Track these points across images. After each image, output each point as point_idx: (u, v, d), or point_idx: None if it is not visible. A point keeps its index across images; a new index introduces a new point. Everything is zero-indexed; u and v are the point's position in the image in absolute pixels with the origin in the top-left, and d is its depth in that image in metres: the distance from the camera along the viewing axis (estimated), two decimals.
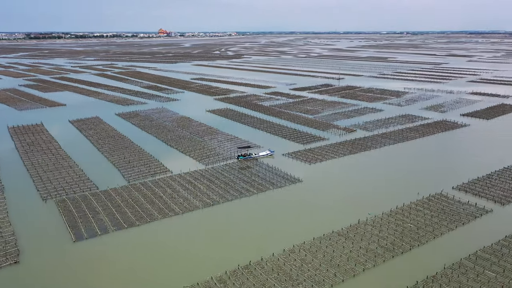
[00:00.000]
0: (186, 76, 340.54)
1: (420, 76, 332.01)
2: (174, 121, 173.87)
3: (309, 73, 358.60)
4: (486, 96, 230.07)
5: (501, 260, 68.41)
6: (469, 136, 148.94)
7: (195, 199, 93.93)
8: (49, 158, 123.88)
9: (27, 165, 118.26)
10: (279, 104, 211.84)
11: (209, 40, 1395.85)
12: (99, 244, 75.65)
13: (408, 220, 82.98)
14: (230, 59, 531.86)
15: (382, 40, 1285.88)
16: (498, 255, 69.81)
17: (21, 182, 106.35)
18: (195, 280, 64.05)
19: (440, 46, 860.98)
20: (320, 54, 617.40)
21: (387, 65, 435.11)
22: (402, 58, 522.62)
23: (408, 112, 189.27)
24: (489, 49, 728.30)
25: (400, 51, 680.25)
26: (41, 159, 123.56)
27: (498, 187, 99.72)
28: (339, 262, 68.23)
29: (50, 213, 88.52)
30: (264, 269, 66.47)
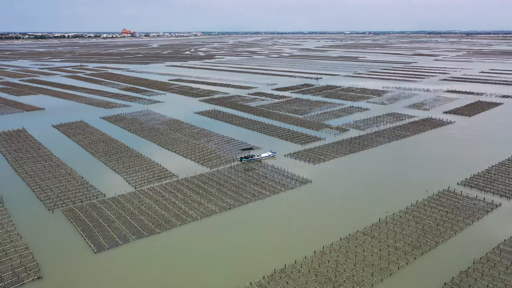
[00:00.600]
0: (163, 78, 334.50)
1: (394, 75, 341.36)
2: (164, 123, 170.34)
3: (286, 73, 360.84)
4: (461, 94, 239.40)
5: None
6: (457, 132, 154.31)
7: (209, 204, 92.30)
8: (43, 166, 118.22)
9: (20, 174, 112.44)
10: (266, 105, 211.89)
11: (176, 40, 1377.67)
12: (122, 254, 72.87)
13: (425, 217, 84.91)
14: (202, 60, 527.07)
15: (348, 40, 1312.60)
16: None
17: (19, 191, 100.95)
18: (234, 287, 62.82)
19: (404, 45, 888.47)
20: (291, 54, 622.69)
21: (360, 64, 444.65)
22: (372, 58, 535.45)
23: (393, 110, 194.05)
24: (450, 48, 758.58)
25: (368, 51, 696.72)
26: (34, 166, 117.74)
27: (499, 181, 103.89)
28: (372, 262, 68.92)
29: (60, 223, 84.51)
30: (301, 272, 66.17)
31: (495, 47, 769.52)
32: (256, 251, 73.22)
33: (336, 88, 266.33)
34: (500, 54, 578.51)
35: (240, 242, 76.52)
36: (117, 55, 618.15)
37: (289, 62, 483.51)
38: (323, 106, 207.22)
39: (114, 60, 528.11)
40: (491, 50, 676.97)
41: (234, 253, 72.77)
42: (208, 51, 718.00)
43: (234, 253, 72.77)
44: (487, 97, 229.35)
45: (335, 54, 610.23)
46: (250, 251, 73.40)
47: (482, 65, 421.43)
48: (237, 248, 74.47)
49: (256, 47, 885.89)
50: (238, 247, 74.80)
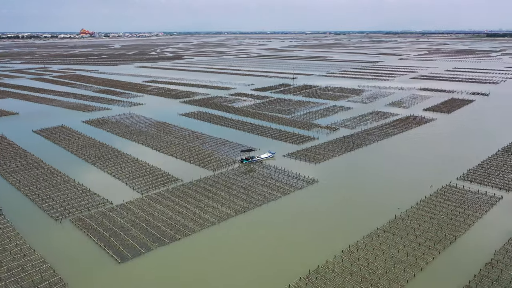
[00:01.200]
0: (136, 79, 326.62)
1: (366, 74, 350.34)
2: (152, 126, 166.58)
3: (260, 73, 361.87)
4: (434, 92, 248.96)
5: None
6: (441, 129, 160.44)
7: (223, 207, 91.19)
8: (36, 174, 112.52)
9: (13, 183, 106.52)
10: (250, 105, 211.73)
11: (138, 40, 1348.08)
12: (148, 263, 70.67)
13: (436, 212, 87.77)
14: (172, 61, 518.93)
15: (311, 40, 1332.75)
16: None
17: (17, 202, 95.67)
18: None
19: (367, 45, 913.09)
20: (260, 54, 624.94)
21: (330, 64, 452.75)
22: (339, 57, 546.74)
23: (375, 109, 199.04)
24: (411, 47, 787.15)
25: (334, 51, 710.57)
26: (27, 175, 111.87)
27: (494, 175, 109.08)
28: (400, 258, 70.53)
29: (72, 233, 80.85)
30: (335, 272, 66.73)
31: (451, 46, 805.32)
32: (284, 253, 73.10)
33: (314, 88, 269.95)
34: (458, 53, 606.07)
35: (265, 244, 76.12)
36: (81, 56, 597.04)
37: (260, 62, 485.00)
38: (307, 105, 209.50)
39: (79, 61, 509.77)
40: (449, 49, 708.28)
41: (262, 255, 72.33)
42: (175, 52, 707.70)
43: (262, 255, 72.33)
44: (459, 94, 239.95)
45: (303, 54, 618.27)
46: (278, 253, 73.19)
47: (445, 63, 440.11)
48: (264, 250, 74.06)
49: (222, 47, 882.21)
50: (265, 249, 74.41)
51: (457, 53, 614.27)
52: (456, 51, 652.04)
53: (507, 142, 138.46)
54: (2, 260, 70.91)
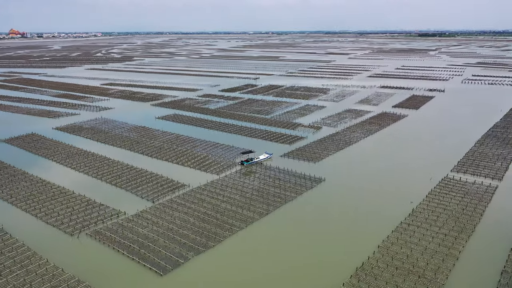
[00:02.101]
0: (93, 82, 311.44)
1: (324, 73, 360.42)
2: (131, 131, 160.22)
3: (221, 74, 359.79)
4: (395, 89, 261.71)
5: None
6: (417, 124, 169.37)
7: (244, 211, 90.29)
8: (27, 187, 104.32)
9: (6, 199, 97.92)
10: (224, 106, 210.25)
11: (76, 41, 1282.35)
12: (192, 272, 68.54)
13: (446, 203, 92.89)
14: (122, 62, 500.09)
15: (256, 40, 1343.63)
16: None
17: (18, 218, 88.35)
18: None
19: (313, 45, 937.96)
20: (212, 55, 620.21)
21: (285, 63, 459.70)
22: (292, 57, 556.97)
23: (348, 107, 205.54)
24: (355, 47, 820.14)
25: (283, 51, 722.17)
26: (17, 189, 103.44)
27: (482, 166, 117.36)
28: (434, 249, 74.01)
29: (96, 248, 76.17)
30: (380, 267, 68.70)
31: (391, 46, 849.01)
32: (323, 252, 73.95)
33: (281, 87, 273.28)
34: (399, 52, 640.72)
35: (302, 245, 76.46)
36: (20, 58, 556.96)
37: (215, 63, 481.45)
38: (282, 105, 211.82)
39: (20, 64, 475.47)
40: (390, 48, 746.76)
41: (303, 256, 72.63)
42: (122, 53, 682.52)
43: (303, 256, 72.63)
44: (418, 91, 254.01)
45: (255, 54, 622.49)
46: (317, 252, 73.88)
47: (393, 62, 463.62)
48: (302, 251, 74.39)
49: (170, 47, 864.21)
50: (303, 250, 74.75)
51: (398, 52, 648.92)
52: (397, 50, 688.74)
53: (480, 134, 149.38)
54: (31, 283, 65.20)
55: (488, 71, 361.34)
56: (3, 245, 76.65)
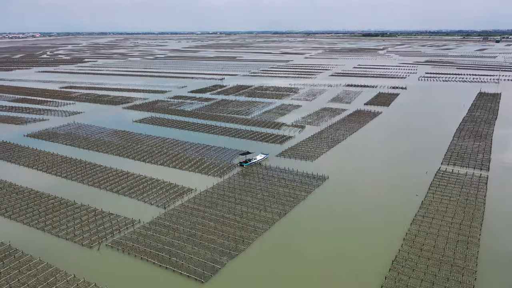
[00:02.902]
0: (50, 85, 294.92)
1: (287, 72, 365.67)
2: (113, 135, 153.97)
3: (183, 75, 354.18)
4: (360, 87, 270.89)
5: None
6: (394, 120, 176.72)
7: (261, 212, 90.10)
8: (22, 200, 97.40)
9: (2, 213, 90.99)
10: (200, 108, 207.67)
11: (14, 42, 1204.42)
12: (233, 277, 67.54)
13: (450, 195, 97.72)
14: (74, 64, 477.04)
15: (207, 40, 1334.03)
16: None
17: (25, 234, 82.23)
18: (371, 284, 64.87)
19: (265, 45, 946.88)
20: (167, 56, 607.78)
21: (245, 64, 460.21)
22: (249, 57, 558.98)
23: (322, 105, 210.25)
24: (307, 47, 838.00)
25: (238, 51, 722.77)
26: (11, 202, 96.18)
27: (466, 157, 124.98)
28: (455, 238, 78.06)
29: (122, 259, 72.86)
30: (413, 259, 71.43)
31: (340, 45, 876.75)
32: (355, 247, 75.47)
33: (250, 88, 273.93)
34: (351, 51, 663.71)
35: (330, 242, 77.59)
36: None
37: (172, 63, 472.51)
38: (258, 105, 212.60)
39: None
40: (340, 48, 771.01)
41: (335, 253, 73.78)
42: (70, 54, 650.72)
43: (335, 253, 73.78)
44: (382, 89, 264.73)
45: (211, 55, 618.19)
46: (349, 248, 75.30)
47: (349, 61, 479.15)
48: (333, 248, 75.52)
49: (119, 48, 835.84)
50: (333, 247, 75.90)
51: (349, 51, 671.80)
52: (348, 50, 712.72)
53: (454, 129, 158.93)
54: None
55: (438, 69, 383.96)
56: (18, 263, 71.10)
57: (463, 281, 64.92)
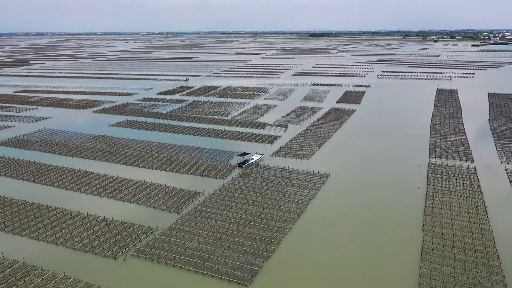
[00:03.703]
0: (3, 90, 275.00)
1: (250, 72, 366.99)
2: (93, 140, 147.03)
3: (145, 76, 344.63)
4: (326, 86, 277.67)
5: None
6: (370, 117, 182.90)
7: (278, 211, 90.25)
8: (22, 214, 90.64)
9: (3, 228, 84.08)
10: (175, 110, 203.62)
11: None
12: (276, 276, 67.41)
13: (448, 186, 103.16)
14: (20, 66, 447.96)
15: (154, 40, 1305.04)
16: None
17: (37, 249, 76.70)
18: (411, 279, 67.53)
19: (217, 45, 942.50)
20: (119, 57, 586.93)
21: (204, 64, 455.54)
22: (205, 58, 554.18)
23: (297, 104, 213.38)
24: (259, 47, 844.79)
25: (191, 51, 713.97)
26: (8, 216, 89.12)
27: (450, 150, 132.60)
28: (470, 226, 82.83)
29: (153, 268, 70.23)
30: (439, 248, 74.86)
31: (291, 45, 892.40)
32: (382, 241, 77.75)
33: (218, 88, 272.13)
34: (303, 51, 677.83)
35: (357, 236, 79.34)
36: None
37: (129, 65, 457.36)
38: (233, 106, 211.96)
39: None
40: (292, 48, 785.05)
41: (365, 248, 75.56)
42: (12, 56, 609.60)
43: (365, 248, 75.56)
44: (347, 87, 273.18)
45: (166, 56, 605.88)
46: (376, 242, 77.44)
47: (306, 61, 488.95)
48: (361, 243, 77.27)
49: (64, 49, 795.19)
50: (360, 241, 77.66)
51: (302, 51, 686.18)
52: (300, 50, 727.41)
53: (428, 123, 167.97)
54: None
55: (392, 67, 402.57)
56: (42, 281, 66.18)
57: (491, 265, 69.13)
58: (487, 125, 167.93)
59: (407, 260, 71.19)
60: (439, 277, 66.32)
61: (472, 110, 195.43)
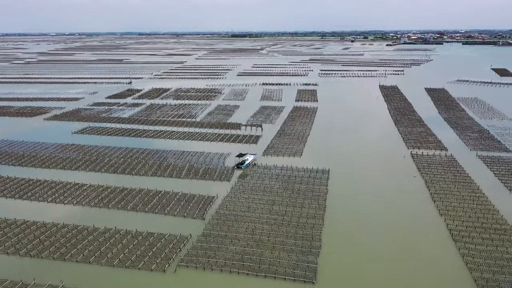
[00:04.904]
0: None
1: (192, 74, 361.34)
2: (64, 150, 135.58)
3: (84, 80, 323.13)
4: (276, 86, 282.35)
5: None
6: (334, 114, 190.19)
7: (302, 209, 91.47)
8: (30, 234, 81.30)
9: (14, 252, 74.88)
10: (136, 113, 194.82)
11: None
12: (335, 273, 68.72)
13: (441, 173, 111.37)
14: None
15: (69, 42, 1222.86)
16: None
17: (72, 270, 69.72)
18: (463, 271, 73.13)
19: (141, 47, 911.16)
20: (39, 60, 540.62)
21: (140, 66, 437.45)
22: (136, 59, 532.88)
23: (260, 104, 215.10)
24: (187, 48, 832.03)
25: (118, 53, 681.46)
26: (15, 238, 79.50)
27: (423, 141, 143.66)
28: (481, 208, 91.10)
29: (207, 276, 67.90)
30: (470, 230, 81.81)
31: (218, 46, 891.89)
32: (413, 227, 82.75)
33: (169, 90, 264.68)
34: (234, 52, 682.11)
35: (387, 225, 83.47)
36: None
37: (56, 68, 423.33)
38: (195, 107, 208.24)
39: None
40: (222, 48, 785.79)
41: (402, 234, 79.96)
42: None
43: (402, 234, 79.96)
44: (297, 86, 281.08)
45: (92, 57, 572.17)
46: (409, 230, 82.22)
47: (242, 61, 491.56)
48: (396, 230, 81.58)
49: None
50: (395, 229, 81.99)
51: (233, 51, 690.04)
52: (230, 50, 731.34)
53: (389, 118, 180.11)
54: None
55: (327, 66, 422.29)
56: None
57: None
58: (439, 116, 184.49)
59: (442, 243, 76.67)
60: (478, 255, 72.53)
61: (420, 104, 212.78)
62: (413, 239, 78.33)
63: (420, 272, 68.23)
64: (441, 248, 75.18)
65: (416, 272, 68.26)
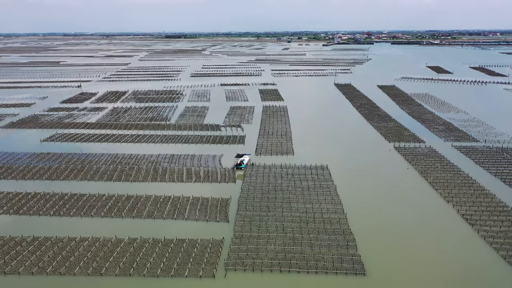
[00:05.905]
0: None
1: (143, 75, 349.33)
2: (41, 160, 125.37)
3: (24, 84, 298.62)
4: (236, 86, 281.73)
5: None
6: (306, 112, 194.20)
7: (321, 205, 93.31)
8: (48, 250, 74.59)
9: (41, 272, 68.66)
10: (102, 118, 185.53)
11: None
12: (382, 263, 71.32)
13: (431, 163, 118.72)
14: None
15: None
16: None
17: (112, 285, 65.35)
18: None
19: (73, 48, 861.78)
20: None
21: (82, 68, 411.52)
22: (75, 62, 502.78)
23: (229, 105, 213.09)
24: (125, 49, 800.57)
25: (49, 55, 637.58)
26: (35, 257, 72.70)
27: (400, 135, 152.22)
28: (486, 193, 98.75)
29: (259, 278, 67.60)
30: (487, 214, 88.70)
31: (156, 47, 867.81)
32: (433, 216, 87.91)
33: (127, 93, 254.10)
34: (176, 52, 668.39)
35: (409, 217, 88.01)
36: None
37: None
38: (163, 109, 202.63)
39: None
40: (162, 49, 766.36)
41: (426, 222, 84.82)
42: None
43: (426, 222, 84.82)
44: (256, 86, 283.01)
45: (20, 60, 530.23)
46: (430, 219, 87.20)
47: (191, 62, 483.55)
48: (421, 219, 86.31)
49: None
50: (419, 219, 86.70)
51: (175, 52, 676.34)
52: (172, 51, 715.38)
53: (359, 115, 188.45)
54: None
55: (276, 65, 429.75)
56: None
57: None
58: (403, 112, 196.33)
59: (460, 228, 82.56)
60: (496, 235, 79.07)
61: (379, 100, 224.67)
62: (433, 226, 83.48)
63: (455, 255, 73.04)
64: (463, 233, 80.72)
65: (452, 255, 72.95)
